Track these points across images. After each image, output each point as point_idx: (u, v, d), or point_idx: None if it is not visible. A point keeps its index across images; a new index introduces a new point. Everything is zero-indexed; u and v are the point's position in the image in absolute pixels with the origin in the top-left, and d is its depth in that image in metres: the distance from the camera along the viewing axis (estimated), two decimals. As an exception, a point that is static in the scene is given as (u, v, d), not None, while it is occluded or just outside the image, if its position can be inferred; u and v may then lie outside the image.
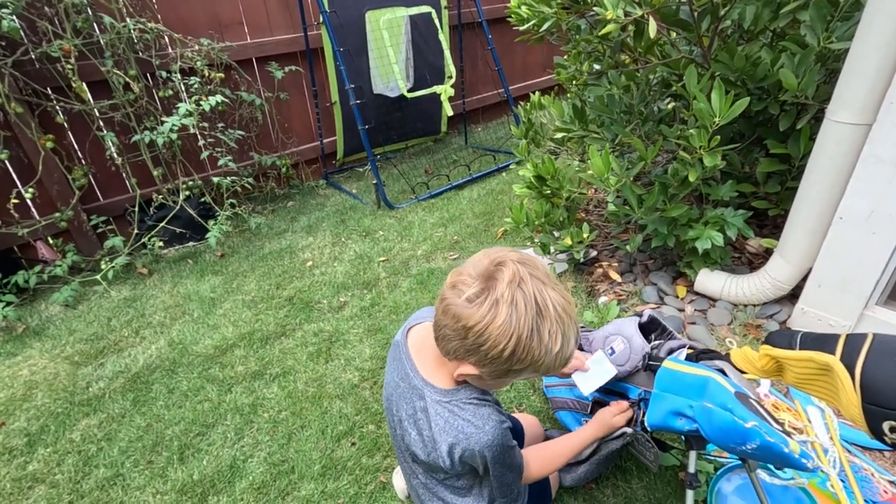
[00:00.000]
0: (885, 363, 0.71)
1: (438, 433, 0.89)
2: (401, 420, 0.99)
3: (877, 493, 1.30)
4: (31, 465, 1.63)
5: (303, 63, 3.46)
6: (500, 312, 0.74)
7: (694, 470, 1.01)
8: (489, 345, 0.75)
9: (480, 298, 0.75)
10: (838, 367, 0.73)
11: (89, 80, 2.65)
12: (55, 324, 2.35)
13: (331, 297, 2.39)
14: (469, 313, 0.75)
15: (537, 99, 2.60)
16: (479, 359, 0.79)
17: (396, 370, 1.02)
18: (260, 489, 1.49)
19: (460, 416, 0.88)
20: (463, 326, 0.76)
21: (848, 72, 1.41)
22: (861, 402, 0.72)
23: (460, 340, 0.79)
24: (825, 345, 0.77)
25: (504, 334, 0.74)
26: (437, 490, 1.05)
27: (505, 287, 0.75)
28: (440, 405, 0.90)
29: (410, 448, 0.98)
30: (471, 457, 0.89)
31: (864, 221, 1.50)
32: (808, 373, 0.80)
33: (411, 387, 0.95)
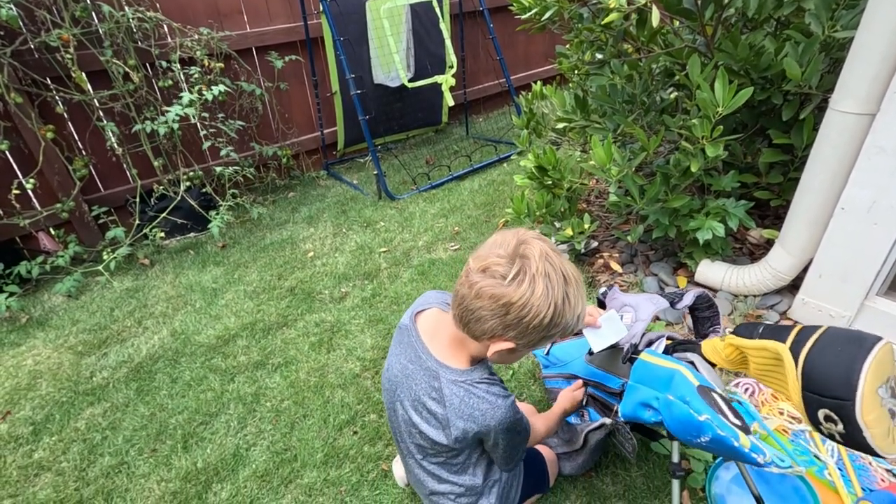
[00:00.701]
0: (827, 352, 0.71)
1: (453, 412, 0.94)
2: (409, 402, 1.01)
3: (874, 482, 1.31)
4: (37, 453, 1.65)
5: (303, 52, 3.44)
6: (538, 286, 0.80)
7: (678, 459, 1.02)
8: (531, 316, 0.81)
9: (519, 277, 0.81)
10: (786, 355, 0.74)
11: (89, 69, 2.63)
12: (58, 314, 2.37)
13: (332, 288, 2.39)
14: (509, 291, 0.81)
15: (539, 89, 2.58)
16: (519, 332, 0.84)
17: (404, 353, 1.04)
18: (263, 477, 1.51)
19: (475, 395, 0.93)
20: (504, 304, 0.81)
21: (852, 61, 1.40)
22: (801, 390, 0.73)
23: (500, 318, 0.83)
24: (779, 334, 0.78)
25: (544, 304, 0.81)
26: (435, 469, 1.08)
27: (537, 262, 0.81)
28: (456, 385, 0.94)
29: (419, 428, 1.00)
30: (485, 433, 0.95)
31: (865, 212, 1.49)
32: (764, 363, 0.80)
33: (424, 369, 0.98)
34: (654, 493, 1.35)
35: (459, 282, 0.88)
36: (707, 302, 1.28)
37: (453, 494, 1.11)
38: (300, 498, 1.44)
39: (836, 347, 0.72)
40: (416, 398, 1.00)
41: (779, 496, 1.29)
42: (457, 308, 0.89)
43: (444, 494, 1.11)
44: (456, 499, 1.11)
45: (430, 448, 1.04)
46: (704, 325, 1.30)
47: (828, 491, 1.27)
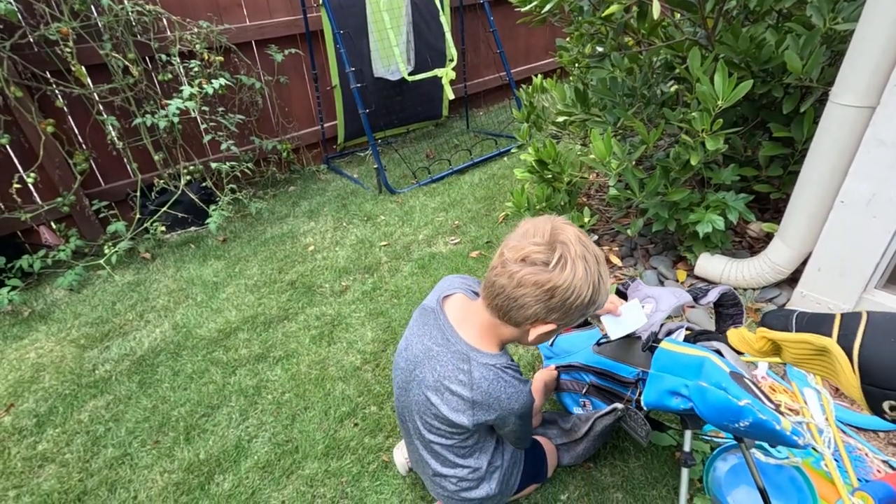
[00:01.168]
0: (882, 344, 0.71)
1: (480, 394, 0.97)
2: (431, 382, 1.02)
3: (870, 473, 1.33)
4: (41, 444, 1.67)
5: (303, 46, 3.43)
6: (579, 268, 0.85)
7: (689, 449, 1.03)
8: (573, 297, 0.86)
9: (561, 262, 0.85)
10: (836, 350, 0.74)
11: (88, 63, 2.63)
12: (60, 308, 2.38)
13: (333, 282, 2.40)
14: (553, 276, 0.85)
15: (539, 82, 2.57)
16: (562, 314, 0.89)
17: (428, 335, 1.05)
18: (265, 468, 1.53)
19: (503, 380, 0.97)
20: (549, 289, 0.85)
21: (853, 53, 1.39)
22: (860, 384, 0.73)
23: (544, 303, 0.87)
24: (821, 326, 0.78)
25: (585, 285, 0.86)
26: (442, 451, 1.10)
27: (575, 246, 0.85)
28: (486, 368, 0.97)
29: (436, 409, 1.01)
30: (505, 417, 0.99)
31: (864, 205, 1.50)
32: (805, 353, 0.81)
33: (453, 352, 1.00)
34: (651, 483, 1.36)
35: (495, 273, 0.91)
36: (733, 300, 1.28)
37: (456, 478, 1.13)
38: (301, 489, 1.45)
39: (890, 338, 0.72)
40: (438, 380, 1.00)
41: (776, 487, 1.30)
42: (494, 298, 0.92)
43: (447, 477, 1.13)
44: (458, 482, 1.13)
45: (444, 430, 1.05)
46: (727, 322, 1.30)
47: (824, 481, 1.28)
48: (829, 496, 1.25)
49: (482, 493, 1.15)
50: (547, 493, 1.37)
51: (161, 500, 1.46)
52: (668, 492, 1.34)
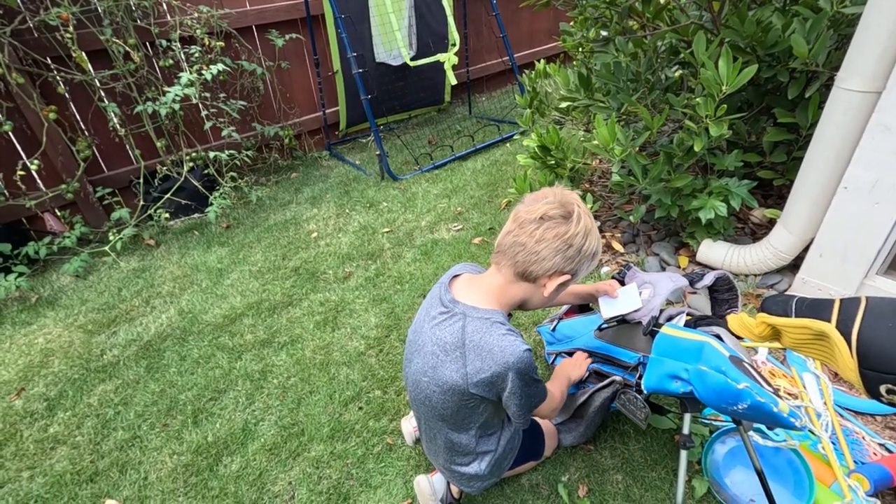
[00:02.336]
0: (879, 328, 0.72)
1: (472, 349, 1.00)
2: (430, 346, 1.06)
3: (867, 455, 1.35)
4: (52, 427, 1.70)
5: (303, 31, 3.40)
6: (590, 220, 0.99)
7: (688, 431, 1.05)
8: (586, 245, 0.98)
9: (574, 215, 0.97)
10: (834, 335, 0.75)
11: (89, 49, 2.62)
12: (67, 294, 2.40)
13: (336, 268, 2.42)
14: (571, 227, 0.96)
15: (542, 67, 2.55)
16: (577, 263, 0.99)
17: (433, 307, 1.11)
18: (272, 450, 1.56)
19: (495, 332, 1.00)
20: (568, 238, 0.96)
21: (860, 37, 1.38)
22: (858, 367, 0.75)
23: (563, 253, 0.97)
24: (820, 311, 0.79)
25: (593, 234, 0.99)
26: (444, 429, 1.14)
27: (582, 206, 0.99)
28: (479, 321, 1.02)
29: (439, 378, 1.04)
30: (502, 374, 0.99)
31: (868, 191, 1.50)
32: (804, 338, 0.82)
33: (451, 313, 1.05)
34: (651, 465, 1.39)
35: (513, 235, 1.00)
36: (727, 284, 1.29)
37: (449, 451, 1.17)
38: (308, 470, 1.49)
39: (887, 323, 0.74)
40: (437, 341, 1.05)
41: (773, 469, 1.32)
42: (514, 257, 1.00)
43: (445, 447, 1.18)
44: (451, 455, 1.18)
45: (445, 400, 1.07)
46: (722, 307, 1.31)
47: (821, 464, 1.30)
48: (825, 478, 1.27)
49: (472, 471, 1.19)
50: (548, 475, 1.40)
51: (171, 481, 1.49)
52: (668, 473, 1.37)
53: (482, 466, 1.17)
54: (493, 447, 1.19)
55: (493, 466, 1.19)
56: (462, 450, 1.15)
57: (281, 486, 1.46)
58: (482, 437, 1.16)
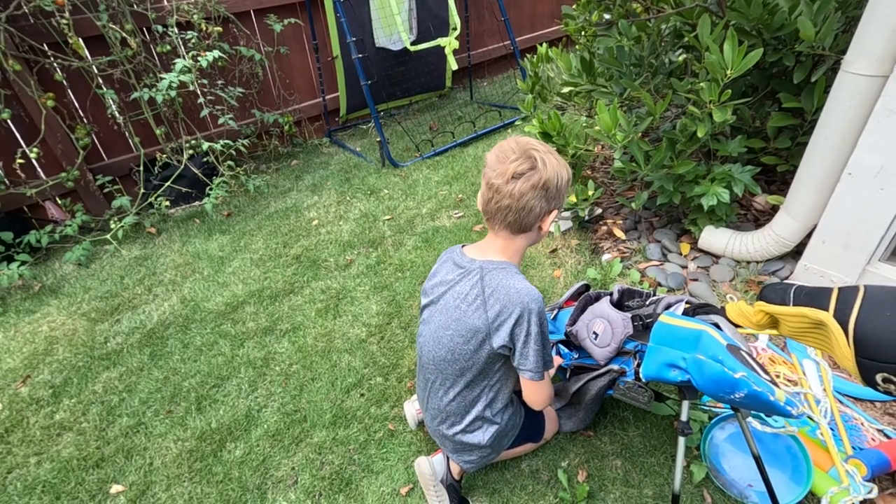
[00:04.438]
0: (876, 318, 0.72)
1: (492, 294, 1.07)
2: (451, 298, 1.14)
3: (865, 441, 1.36)
4: (58, 414, 1.72)
5: (302, 15, 3.35)
6: (554, 159, 1.05)
7: (686, 418, 1.06)
8: (559, 181, 1.05)
9: (539, 161, 1.03)
10: (832, 324, 0.75)
11: (85, 35, 2.59)
12: (70, 282, 2.41)
13: (337, 256, 2.42)
14: (542, 173, 1.03)
15: (544, 51, 2.51)
16: (559, 196, 1.08)
17: (449, 270, 1.19)
18: (274, 436, 1.58)
19: (513, 279, 1.08)
20: (544, 184, 1.03)
21: (867, 20, 1.35)
22: (855, 356, 0.74)
23: (543, 197, 1.05)
24: (818, 300, 0.79)
25: (562, 167, 1.06)
26: (452, 392, 1.18)
27: (538, 146, 1.05)
28: (496, 270, 1.10)
29: (462, 328, 1.11)
30: (521, 316, 1.05)
31: (872, 177, 1.48)
32: (801, 327, 0.82)
33: (468, 270, 1.13)
34: (650, 451, 1.40)
35: (494, 201, 1.07)
36: (634, 293, 1.42)
37: (458, 414, 1.20)
38: (310, 455, 1.50)
39: (885, 312, 0.73)
40: (458, 296, 1.12)
41: (772, 454, 1.34)
42: (505, 219, 1.07)
43: (452, 412, 1.21)
44: (459, 418, 1.20)
45: (466, 348, 1.11)
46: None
47: (819, 449, 1.31)
48: (823, 464, 1.28)
49: (475, 440, 1.21)
50: (548, 460, 1.41)
51: (176, 467, 1.51)
52: (666, 459, 1.38)
53: (486, 437, 1.20)
54: (500, 420, 1.22)
55: (496, 439, 1.22)
56: (472, 411, 1.18)
57: (284, 471, 1.48)
58: (492, 404, 1.20)
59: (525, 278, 1.11)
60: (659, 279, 1.96)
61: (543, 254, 2.25)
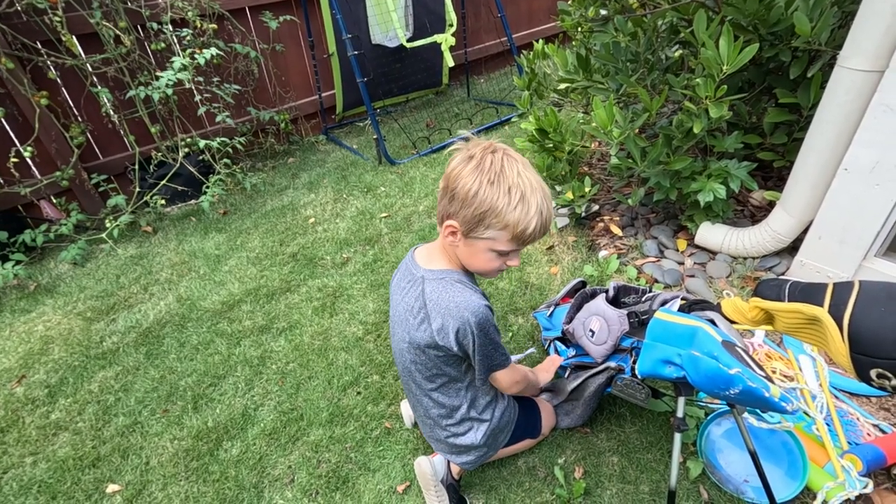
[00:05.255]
0: (871, 313, 0.72)
1: (433, 308, 1.03)
2: (402, 312, 1.11)
3: (861, 436, 1.36)
4: (54, 414, 1.72)
5: (298, 12, 3.33)
6: (471, 164, 0.94)
7: (682, 414, 1.06)
8: (459, 186, 0.93)
9: (460, 155, 0.97)
10: (827, 320, 0.75)
11: (79, 33, 2.57)
12: (65, 281, 2.40)
13: (334, 254, 2.41)
14: (450, 165, 0.97)
15: (541, 47, 2.50)
16: (456, 207, 0.96)
17: (402, 276, 1.16)
18: (271, 435, 1.57)
19: (451, 290, 1.03)
20: (446, 177, 0.97)
21: (863, 14, 1.35)
22: (849, 352, 0.74)
23: (446, 195, 0.97)
24: (813, 296, 0.79)
25: (470, 177, 0.93)
26: (430, 390, 1.17)
27: (478, 150, 0.95)
28: (435, 281, 1.05)
29: (415, 340, 1.07)
30: (463, 330, 1.00)
31: (868, 173, 1.48)
32: (797, 323, 0.81)
33: (414, 279, 1.09)
34: (647, 447, 1.40)
35: None
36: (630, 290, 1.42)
37: (443, 418, 1.20)
38: (307, 454, 1.50)
39: (879, 307, 0.73)
40: (406, 307, 1.09)
41: (768, 450, 1.34)
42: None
43: (438, 421, 1.20)
44: (446, 424, 1.20)
45: (425, 359, 1.10)
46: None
47: (815, 445, 1.31)
48: (819, 459, 1.29)
49: (468, 441, 1.21)
50: (545, 457, 1.41)
51: (172, 466, 1.51)
52: (663, 455, 1.38)
53: (478, 436, 1.20)
54: (489, 416, 1.21)
55: (490, 437, 1.22)
56: (455, 415, 1.18)
57: (281, 469, 1.47)
58: (474, 404, 1.19)
59: (468, 285, 1.05)
60: (656, 276, 1.96)
61: (540, 251, 2.25)
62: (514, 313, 1.93)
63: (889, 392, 0.74)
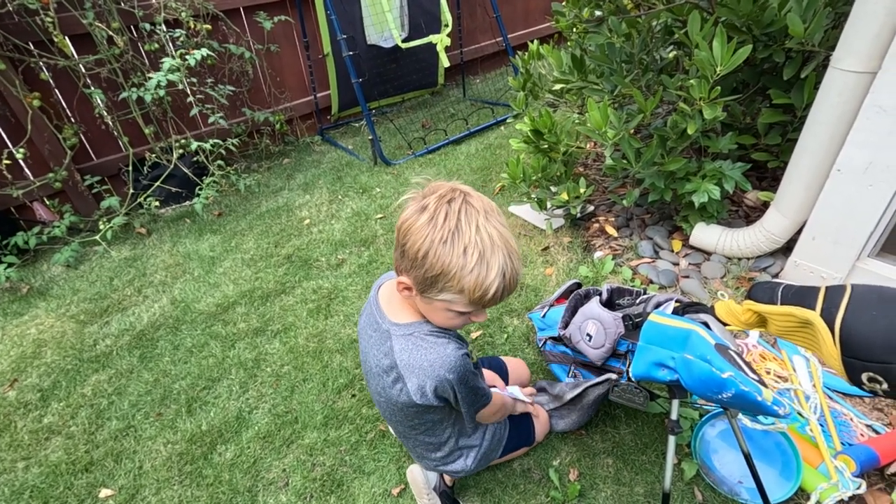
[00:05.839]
0: (863, 317, 0.72)
1: (405, 368, 0.94)
2: (373, 366, 1.03)
3: (854, 437, 1.36)
4: (47, 418, 1.71)
5: (292, 12, 3.32)
6: (423, 217, 0.81)
7: (676, 417, 1.06)
8: (409, 243, 0.82)
9: (413, 205, 0.85)
10: (819, 323, 0.75)
11: (72, 33, 2.55)
12: (58, 284, 2.39)
13: (329, 255, 2.40)
14: (402, 216, 0.86)
15: (536, 48, 2.50)
16: (406, 263, 0.85)
17: (369, 323, 1.06)
18: (265, 438, 1.57)
19: (422, 347, 0.93)
20: (397, 228, 0.86)
21: (856, 15, 1.35)
22: (841, 356, 0.74)
23: (398, 250, 0.87)
24: (805, 299, 0.79)
25: (420, 234, 0.81)
26: (412, 434, 1.13)
27: (433, 199, 0.82)
28: (403, 338, 0.95)
29: (391, 398, 1.01)
30: (441, 387, 0.93)
31: (861, 173, 1.48)
32: (789, 326, 0.81)
33: (381, 332, 0.99)
34: (641, 448, 1.40)
35: None
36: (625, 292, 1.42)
37: (430, 452, 1.17)
38: (302, 457, 1.50)
39: (871, 311, 0.73)
40: (376, 363, 1.01)
41: (762, 451, 1.34)
42: None
43: (424, 451, 1.17)
44: (436, 453, 1.17)
45: (404, 415, 1.05)
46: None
47: (809, 446, 1.32)
48: (813, 460, 1.29)
49: (458, 468, 1.19)
50: (539, 459, 1.41)
51: (166, 470, 1.50)
52: (658, 457, 1.38)
53: (468, 463, 1.18)
54: (478, 442, 1.19)
55: (481, 460, 1.20)
56: (443, 448, 1.16)
57: (275, 473, 1.47)
58: (462, 435, 1.16)
59: (439, 335, 0.95)
60: (651, 276, 1.96)
61: (535, 251, 2.25)
62: (510, 314, 1.92)
63: (879, 394, 0.74)
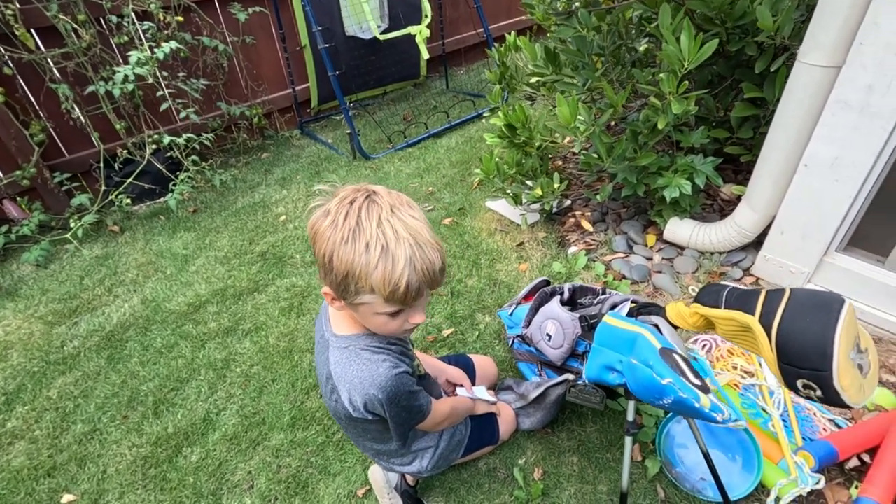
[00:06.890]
0: (797, 323, 0.71)
1: (338, 381, 0.93)
2: (320, 377, 1.02)
3: (817, 432, 1.37)
4: (10, 422, 1.68)
5: (268, 3, 3.25)
6: (326, 221, 0.79)
7: (632, 418, 1.05)
8: (316, 249, 0.82)
9: (319, 212, 0.82)
10: (757, 328, 0.74)
11: (36, 26, 2.48)
12: (27, 284, 2.35)
13: (304, 252, 2.38)
14: (309, 223, 0.84)
15: (513, 40, 2.46)
16: (321, 272, 0.83)
17: (318, 329, 1.05)
18: (232, 440, 1.55)
19: (355, 362, 0.91)
20: (311, 229, 0.83)
21: (821, 9, 1.33)
22: (777, 361, 0.74)
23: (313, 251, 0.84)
24: (747, 303, 0.78)
25: (323, 238, 0.79)
26: (363, 443, 1.14)
27: (335, 202, 0.81)
28: (339, 350, 0.93)
29: (332, 406, 1.01)
30: (371, 403, 0.91)
31: (828, 168, 1.48)
32: (733, 330, 0.81)
33: (323, 341, 0.98)
34: (606, 447, 1.40)
35: None
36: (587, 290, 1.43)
37: (383, 458, 1.17)
38: (267, 459, 1.48)
39: (805, 318, 0.72)
40: (320, 370, 1.01)
41: (724, 447, 1.35)
42: None
43: (377, 456, 1.18)
44: (389, 459, 1.17)
45: (347, 423, 1.05)
46: None
47: (770, 441, 1.32)
48: (774, 455, 1.29)
49: (414, 469, 1.19)
50: (505, 458, 1.41)
51: (130, 474, 1.49)
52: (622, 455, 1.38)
53: (424, 464, 1.17)
54: (433, 443, 1.18)
55: (438, 460, 1.20)
56: (394, 455, 1.15)
57: (240, 475, 1.46)
58: (413, 441, 1.15)
59: (375, 351, 0.93)
60: (623, 272, 1.95)
61: (510, 247, 2.24)
62: (482, 311, 1.91)
63: (814, 400, 0.74)
